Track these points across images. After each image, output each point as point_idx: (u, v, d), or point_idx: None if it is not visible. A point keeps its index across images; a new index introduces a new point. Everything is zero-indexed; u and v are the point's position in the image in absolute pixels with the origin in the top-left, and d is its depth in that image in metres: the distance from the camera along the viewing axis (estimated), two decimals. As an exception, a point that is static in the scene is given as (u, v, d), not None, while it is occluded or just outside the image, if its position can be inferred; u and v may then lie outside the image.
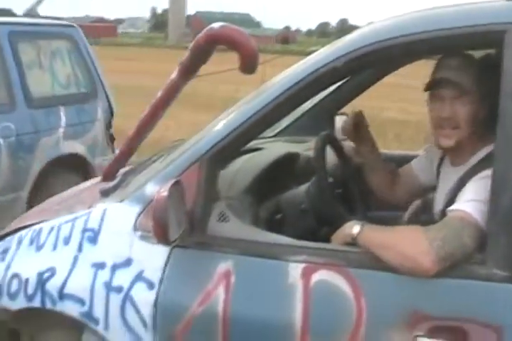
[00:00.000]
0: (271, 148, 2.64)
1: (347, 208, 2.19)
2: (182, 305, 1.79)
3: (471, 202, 1.67)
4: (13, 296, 2.07)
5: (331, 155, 2.34)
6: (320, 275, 1.67)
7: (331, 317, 1.65)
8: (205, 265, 1.80)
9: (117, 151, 2.46)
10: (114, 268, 1.90)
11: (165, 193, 1.66)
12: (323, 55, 1.81)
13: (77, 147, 4.86)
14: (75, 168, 4.85)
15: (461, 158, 1.90)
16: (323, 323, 1.65)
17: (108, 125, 5.24)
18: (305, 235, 1.92)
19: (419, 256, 1.57)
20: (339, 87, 2.92)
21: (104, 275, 1.91)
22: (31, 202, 4.31)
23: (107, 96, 5.25)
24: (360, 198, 2.39)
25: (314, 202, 2.16)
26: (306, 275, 1.68)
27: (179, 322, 1.79)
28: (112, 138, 5.26)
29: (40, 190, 4.45)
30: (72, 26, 5.21)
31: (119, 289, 1.87)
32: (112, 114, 5.29)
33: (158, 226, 1.67)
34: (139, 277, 1.86)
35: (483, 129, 1.86)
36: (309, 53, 1.97)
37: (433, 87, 1.87)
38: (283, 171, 2.43)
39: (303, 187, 2.26)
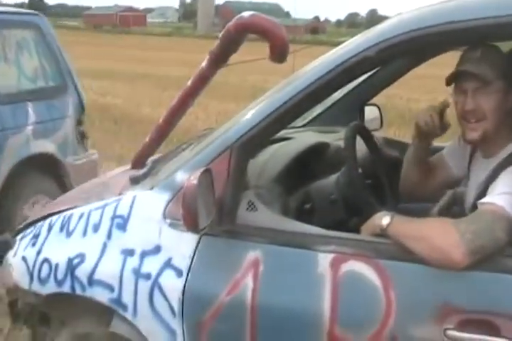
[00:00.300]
0: (301, 138, 2.63)
1: (377, 199, 2.17)
2: (210, 293, 1.79)
3: (503, 195, 1.64)
4: (43, 281, 2.11)
5: (360, 146, 2.32)
6: (349, 266, 1.66)
7: (360, 308, 1.64)
8: (233, 253, 1.80)
9: (147, 139, 2.46)
10: (143, 255, 1.91)
11: (194, 181, 1.66)
12: (354, 44, 1.79)
13: (47, 146, 4.43)
14: (46, 168, 4.46)
15: (492, 150, 1.88)
16: (351, 313, 1.65)
17: (79, 121, 4.78)
18: (334, 225, 1.91)
19: (449, 248, 1.55)
20: (369, 77, 2.90)
21: (133, 262, 1.92)
22: (0, 206, 4.07)
23: (77, 90, 4.78)
24: (390, 189, 2.37)
25: (344, 192, 2.14)
26: (335, 265, 1.67)
27: (207, 310, 1.79)
28: (83, 136, 4.82)
29: (10, 193, 4.13)
30: (37, 14, 4.74)
31: (147, 276, 1.89)
32: (83, 109, 4.82)
33: (187, 214, 1.67)
34: (167, 264, 1.87)
35: None
36: (339, 44, 1.96)
37: (455, 80, 1.86)
38: (313, 161, 2.42)
39: (333, 177, 2.25)
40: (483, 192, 1.76)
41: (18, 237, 2.31)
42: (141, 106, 11.48)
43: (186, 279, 1.83)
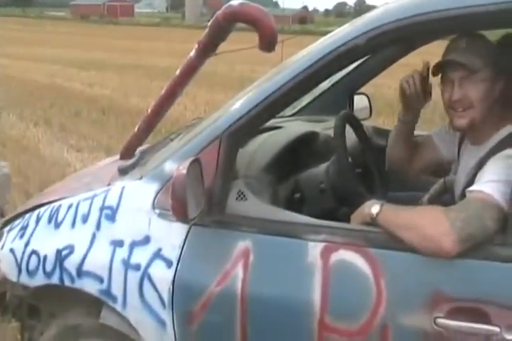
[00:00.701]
0: (290, 127, 2.63)
1: (366, 188, 2.17)
2: (200, 283, 1.79)
3: (491, 182, 1.64)
4: (31, 273, 2.09)
5: (349, 135, 2.31)
6: (339, 255, 1.66)
7: (350, 297, 1.64)
8: (223, 243, 1.79)
9: (135, 130, 2.45)
10: (133, 245, 1.90)
11: (183, 171, 1.65)
12: (343, 33, 1.78)
13: None
14: None
15: (480, 137, 1.88)
16: (342, 303, 1.65)
17: None
18: (324, 214, 1.91)
19: (439, 236, 1.55)
20: (358, 66, 2.89)
21: (122, 252, 1.91)
22: None
23: None
24: (380, 178, 2.37)
25: (334, 181, 2.14)
26: (326, 254, 1.67)
27: (197, 301, 1.78)
28: None
29: None
30: None
31: (137, 267, 1.87)
32: None
33: (177, 204, 1.66)
34: (156, 255, 1.86)
35: (503, 108, 1.84)
36: (327, 33, 1.95)
37: (441, 70, 1.86)
38: (302, 150, 2.41)
39: (322, 166, 2.24)
40: (472, 180, 1.76)
41: (6, 229, 2.29)
42: (129, 96, 11.42)
43: (176, 269, 1.82)
